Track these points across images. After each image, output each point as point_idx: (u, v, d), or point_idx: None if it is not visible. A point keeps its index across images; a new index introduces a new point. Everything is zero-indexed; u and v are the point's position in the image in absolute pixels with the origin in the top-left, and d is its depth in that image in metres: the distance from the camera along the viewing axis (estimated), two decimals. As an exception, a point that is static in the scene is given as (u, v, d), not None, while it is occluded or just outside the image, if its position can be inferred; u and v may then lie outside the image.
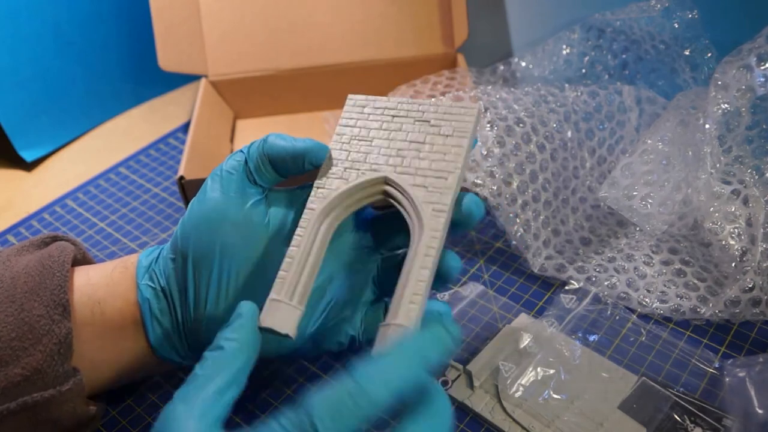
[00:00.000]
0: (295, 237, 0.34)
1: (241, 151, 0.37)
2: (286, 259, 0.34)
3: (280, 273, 0.33)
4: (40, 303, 0.34)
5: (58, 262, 0.36)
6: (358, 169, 0.36)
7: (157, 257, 0.37)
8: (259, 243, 0.36)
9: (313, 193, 0.36)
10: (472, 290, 0.47)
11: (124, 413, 0.41)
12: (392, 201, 0.35)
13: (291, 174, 0.37)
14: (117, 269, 0.37)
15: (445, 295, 0.47)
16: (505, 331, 0.44)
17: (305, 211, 0.35)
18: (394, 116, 0.38)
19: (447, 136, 0.36)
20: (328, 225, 0.35)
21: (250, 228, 0.36)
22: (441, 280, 0.36)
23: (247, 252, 0.36)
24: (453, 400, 0.40)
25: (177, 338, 0.37)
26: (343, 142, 0.37)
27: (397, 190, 0.35)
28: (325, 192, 0.36)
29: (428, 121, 0.37)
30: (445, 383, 0.41)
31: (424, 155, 0.36)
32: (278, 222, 0.36)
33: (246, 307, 0.31)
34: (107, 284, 0.37)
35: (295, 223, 0.35)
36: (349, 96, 0.39)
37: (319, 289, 0.37)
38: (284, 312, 0.32)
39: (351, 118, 0.38)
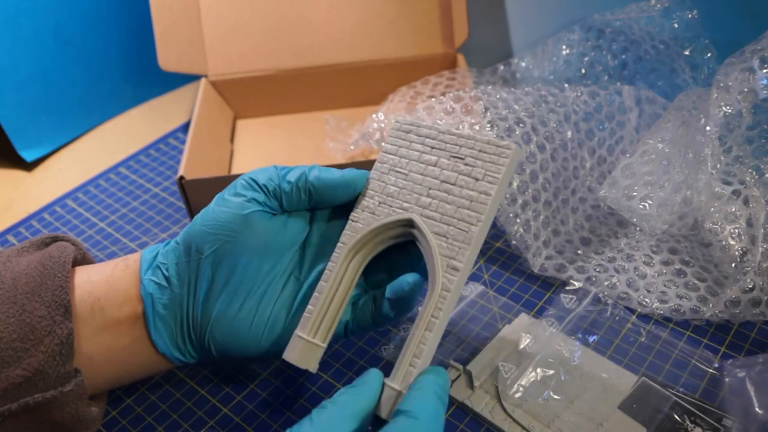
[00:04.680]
0: (325, 272, 0.36)
1: (275, 168, 0.38)
2: (315, 294, 0.36)
3: (308, 308, 0.36)
4: (41, 304, 0.34)
5: (58, 262, 0.36)
6: (390, 206, 0.36)
7: (160, 252, 0.38)
8: (278, 252, 0.37)
9: (347, 226, 0.37)
10: (472, 290, 0.47)
11: (124, 413, 0.41)
12: (418, 244, 0.36)
13: (332, 204, 0.38)
14: (118, 267, 0.38)
15: None
16: (505, 331, 0.44)
17: (338, 245, 0.37)
18: (432, 147, 0.37)
19: (477, 180, 0.35)
20: (358, 261, 0.37)
21: (274, 237, 0.37)
22: None
23: (267, 258, 0.37)
24: (453, 400, 0.40)
25: (179, 335, 0.37)
26: (382, 173, 0.37)
27: (421, 235, 0.35)
28: (357, 227, 0.36)
29: (462, 159, 0.36)
30: None
31: (452, 199, 0.35)
32: (296, 236, 0.38)
33: (374, 375, 0.33)
34: (107, 281, 0.37)
35: (313, 240, 0.38)
36: (396, 119, 0.39)
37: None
38: (307, 349, 0.35)
39: (394, 145, 0.38)
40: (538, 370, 0.40)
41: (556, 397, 0.39)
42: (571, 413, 0.38)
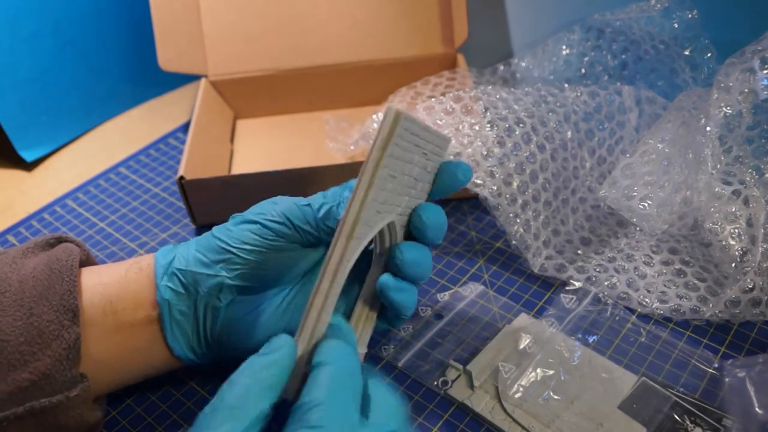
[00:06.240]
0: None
1: (312, 209, 0.37)
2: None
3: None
4: (49, 308, 0.34)
5: (66, 266, 0.36)
6: (380, 212, 0.34)
7: (176, 257, 0.37)
8: (302, 265, 0.38)
9: (351, 245, 0.32)
10: (472, 290, 0.47)
11: (124, 413, 0.41)
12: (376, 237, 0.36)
13: None
14: (131, 269, 0.37)
15: (446, 295, 0.47)
16: (506, 331, 0.44)
17: (356, 244, 0.32)
18: (416, 145, 0.34)
19: (427, 171, 0.36)
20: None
21: (298, 257, 0.38)
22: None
23: (290, 277, 0.38)
24: (453, 400, 0.40)
25: (196, 340, 0.38)
26: (382, 178, 0.32)
27: (389, 229, 0.36)
28: (366, 231, 0.33)
29: (426, 153, 0.36)
30: (445, 383, 0.41)
31: (414, 193, 0.36)
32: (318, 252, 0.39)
33: (285, 339, 0.30)
34: (120, 283, 0.37)
35: None
36: (406, 117, 0.32)
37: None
38: None
39: (399, 147, 0.33)
40: (538, 370, 0.40)
41: (556, 397, 0.39)
42: (571, 413, 0.38)
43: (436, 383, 0.41)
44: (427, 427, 0.39)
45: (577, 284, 0.46)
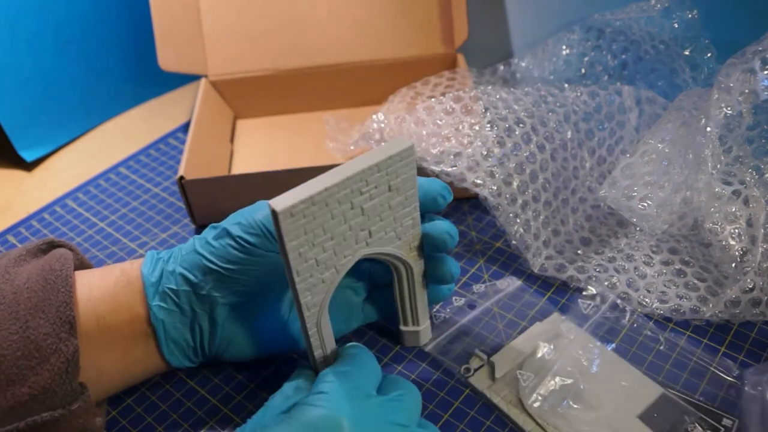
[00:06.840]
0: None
1: None
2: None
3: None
4: (45, 321, 0.33)
5: (60, 276, 0.35)
6: (329, 267, 0.34)
7: (164, 273, 0.37)
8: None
9: (302, 306, 0.34)
10: (509, 284, 0.48)
11: (124, 413, 0.41)
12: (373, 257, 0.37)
13: None
14: (119, 284, 0.37)
15: (482, 287, 0.48)
16: (532, 330, 0.44)
17: (308, 312, 0.35)
18: (339, 202, 0.33)
19: (397, 190, 0.35)
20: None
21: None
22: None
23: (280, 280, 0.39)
24: (473, 388, 0.41)
25: (193, 351, 0.38)
26: (302, 257, 0.32)
27: (373, 254, 0.36)
28: (315, 301, 0.35)
29: (377, 186, 0.34)
30: (467, 371, 0.41)
31: (385, 216, 0.35)
32: None
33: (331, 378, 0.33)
34: (110, 297, 0.36)
35: None
36: (280, 209, 0.30)
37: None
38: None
39: (297, 228, 0.31)
40: (557, 378, 0.40)
41: (575, 406, 0.39)
42: (590, 422, 0.38)
43: (458, 370, 0.41)
44: (437, 414, 0.38)
45: (579, 285, 0.46)
